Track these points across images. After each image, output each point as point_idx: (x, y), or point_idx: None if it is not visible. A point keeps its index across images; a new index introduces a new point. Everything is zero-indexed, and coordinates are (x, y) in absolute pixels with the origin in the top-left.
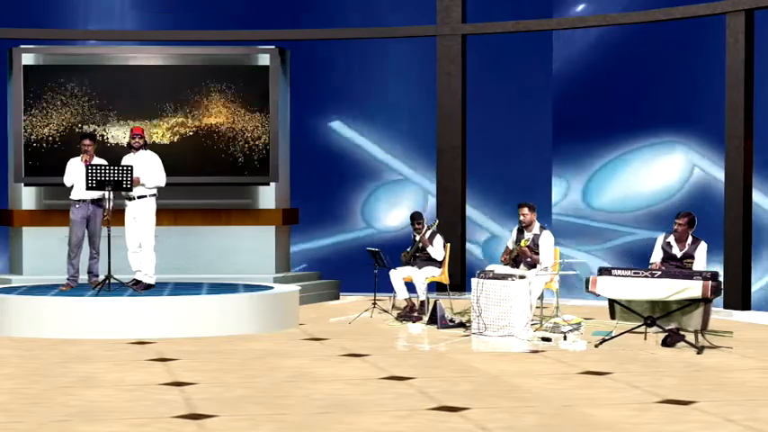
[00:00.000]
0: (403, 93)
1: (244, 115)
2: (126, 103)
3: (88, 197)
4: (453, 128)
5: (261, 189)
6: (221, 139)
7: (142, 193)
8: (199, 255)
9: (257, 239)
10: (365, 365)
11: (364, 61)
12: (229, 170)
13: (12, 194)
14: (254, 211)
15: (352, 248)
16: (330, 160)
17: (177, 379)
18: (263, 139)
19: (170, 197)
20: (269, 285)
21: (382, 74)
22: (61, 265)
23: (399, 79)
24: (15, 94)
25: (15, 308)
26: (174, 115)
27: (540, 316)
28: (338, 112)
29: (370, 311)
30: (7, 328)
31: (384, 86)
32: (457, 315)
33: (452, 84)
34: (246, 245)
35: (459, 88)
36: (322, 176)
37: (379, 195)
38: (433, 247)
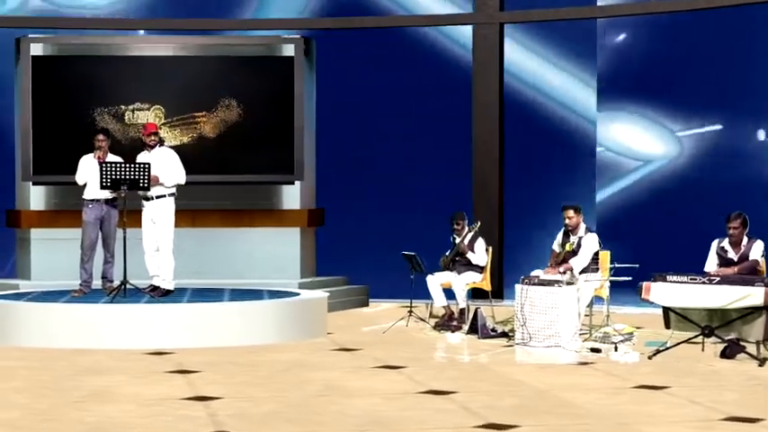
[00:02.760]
0: (437, 84)
1: (266, 109)
2: (141, 97)
3: (102, 197)
4: (490, 120)
5: (285, 188)
6: (242, 136)
7: (160, 193)
8: (219, 259)
9: (281, 242)
10: (401, 378)
11: (395, 51)
12: (251, 168)
13: (20, 194)
14: (277, 212)
15: (381, 251)
16: (358, 157)
17: (200, 393)
18: (286, 135)
19: (187, 197)
20: (295, 291)
21: (414, 65)
22: (73, 269)
23: (433, 70)
24: (24, 86)
25: (24, 316)
26: (192, 110)
27: (588, 325)
28: (366, 105)
29: (405, 320)
30: (15, 336)
31: (416, 78)
32: (499, 324)
33: (489, 74)
34: (269, 248)
35: (495, 79)
36: (349, 174)
37: None
38: (474, 252)
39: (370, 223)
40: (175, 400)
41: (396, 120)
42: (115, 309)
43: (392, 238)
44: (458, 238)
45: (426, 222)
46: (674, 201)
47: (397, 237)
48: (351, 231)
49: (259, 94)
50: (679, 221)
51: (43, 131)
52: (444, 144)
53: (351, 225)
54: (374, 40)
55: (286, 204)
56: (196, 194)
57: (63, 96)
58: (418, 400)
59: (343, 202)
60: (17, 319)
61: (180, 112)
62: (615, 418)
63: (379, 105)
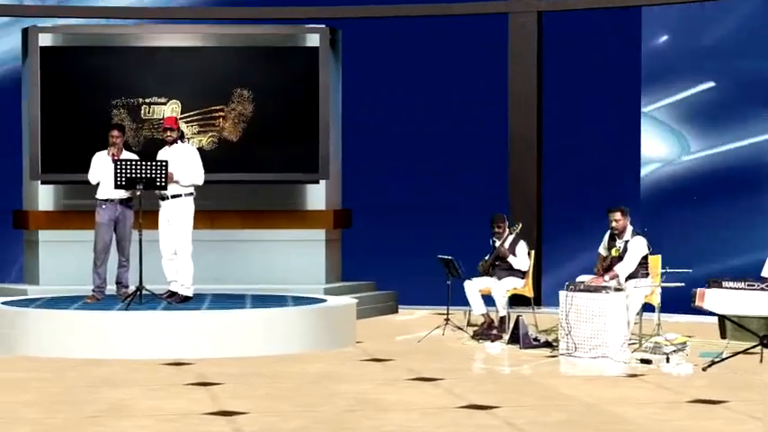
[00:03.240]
0: (471, 76)
1: (289, 104)
2: (156, 90)
3: (116, 196)
4: (527, 116)
5: (309, 188)
6: (263, 132)
7: (177, 192)
8: (239, 263)
9: (305, 245)
10: (438, 391)
11: (426, 42)
12: (273, 166)
13: (27, 193)
14: (300, 213)
15: (411, 255)
16: (386, 153)
17: (223, 407)
18: (311, 131)
19: (206, 197)
20: (321, 298)
21: (447, 56)
22: (84, 274)
23: (466, 63)
24: (32, 79)
25: (33, 323)
26: (210, 104)
27: (638, 334)
28: (395, 98)
29: (441, 328)
30: (24, 346)
31: (449, 70)
32: (542, 333)
33: (526, 67)
34: (293, 251)
35: (533, 72)
36: (377, 172)
37: None
38: (515, 256)
39: (399, 225)
40: (197, 415)
41: (427, 114)
42: (130, 316)
43: (423, 240)
44: (498, 241)
45: (460, 223)
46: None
47: (429, 239)
48: (379, 233)
49: (282, 87)
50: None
51: (52, 127)
52: (478, 139)
53: (379, 226)
54: (404, 29)
55: (310, 205)
56: (215, 194)
57: (74, 90)
58: (458, 415)
59: (371, 202)
60: (26, 327)
61: (197, 107)
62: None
63: (408, 99)
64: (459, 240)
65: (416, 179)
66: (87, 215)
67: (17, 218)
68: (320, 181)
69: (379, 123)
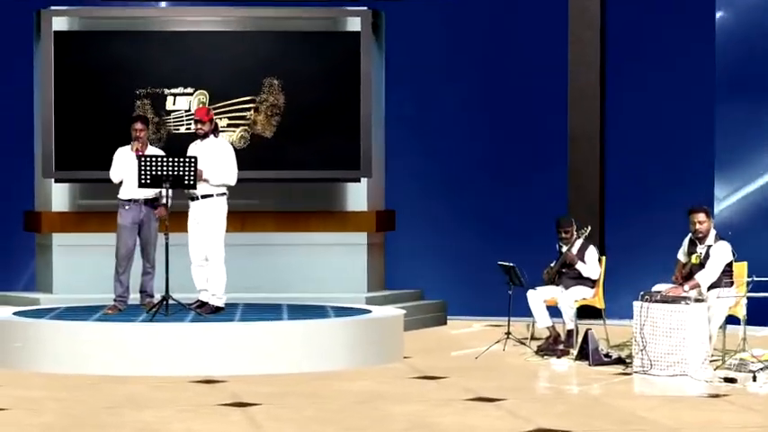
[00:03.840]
0: (526, 64)
1: (328, 94)
2: (182, 80)
3: (141, 196)
4: (589, 109)
5: (349, 186)
6: (299, 125)
7: (207, 192)
8: (272, 269)
9: (345, 250)
10: (501, 413)
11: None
12: (310, 163)
13: (39, 192)
14: (340, 214)
15: (461, 260)
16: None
17: (263, 431)
18: (351, 124)
19: (236, 197)
20: (364, 308)
21: (500, 42)
22: (104, 281)
23: (521, 48)
24: (44, 66)
25: (48, 337)
26: (241, 94)
27: (721, 350)
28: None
29: (502, 343)
30: (39, 361)
31: (500, 57)
32: (614, 348)
33: (588, 53)
34: (331, 256)
35: (596, 59)
36: (424, 170)
37: None
38: (584, 263)
39: (447, 227)
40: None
41: (478, 107)
42: (156, 329)
43: (474, 244)
44: (564, 246)
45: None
46: None
47: (480, 243)
48: (425, 236)
49: (319, 75)
50: None
51: (67, 120)
52: (535, 134)
53: (425, 229)
54: (453, 12)
55: (351, 205)
56: (246, 193)
57: (91, 79)
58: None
59: (417, 202)
60: (40, 340)
61: (227, 98)
62: None
63: (457, 89)
64: (514, 245)
65: (467, 177)
66: (107, 217)
67: (28, 220)
68: (361, 179)
69: (426, 116)
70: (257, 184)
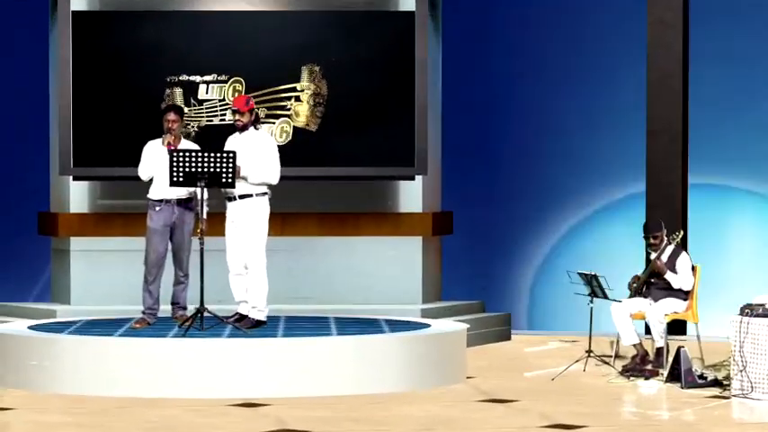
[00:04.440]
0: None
1: (378, 82)
2: (215, 66)
3: (173, 196)
4: (670, 102)
5: (402, 185)
6: (345, 116)
7: (246, 192)
8: (315, 277)
9: (397, 255)
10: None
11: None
12: (357, 159)
13: (56, 192)
14: (392, 216)
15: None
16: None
17: None
18: (404, 116)
19: (275, 197)
20: (421, 322)
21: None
22: (129, 292)
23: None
24: (62, 51)
25: (68, 354)
26: (280, 82)
27: None
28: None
29: (582, 362)
30: (58, 381)
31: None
32: (709, 369)
33: (669, 43)
34: (382, 263)
35: (678, 49)
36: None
37: None
38: (676, 272)
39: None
40: None
41: (545, 97)
42: (190, 345)
43: (541, 250)
44: (653, 254)
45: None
46: None
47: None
48: (486, 241)
49: (368, 61)
50: None
51: (87, 111)
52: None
53: (486, 232)
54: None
55: (404, 206)
56: (286, 193)
57: (114, 64)
58: None
59: (477, 203)
60: (59, 358)
61: (264, 86)
62: None
63: (524, 76)
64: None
65: (532, 175)
66: (133, 219)
67: (43, 222)
68: (416, 177)
69: (489, 106)
70: (299, 182)
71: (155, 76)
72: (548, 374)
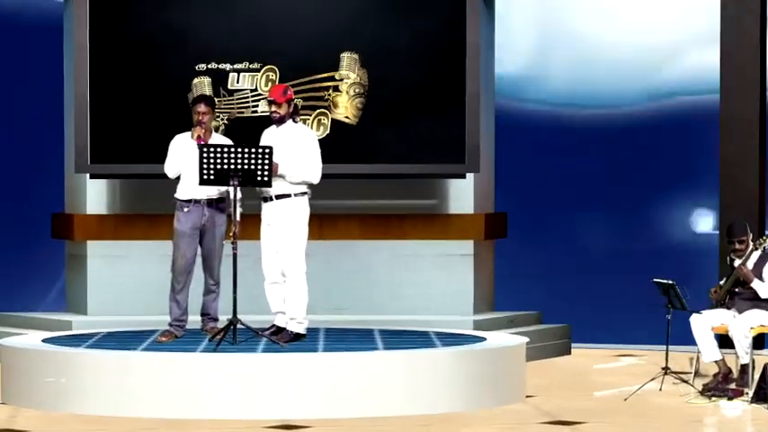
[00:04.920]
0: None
1: (424, 70)
2: (246, 53)
3: (203, 196)
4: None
5: (451, 184)
6: (388, 108)
7: (283, 191)
8: (357, 284)
9: (446, 261)
10: None
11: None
12: (402, 155)
13: (71, 191)
14: (440, 218)
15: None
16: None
17: None
18: (454, 108)
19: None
20: (476, 335)
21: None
22: (154, 301)
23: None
24: (78, 36)
25: (88, 371)
26: (317, 70)
27: None
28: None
29: (658, 380)
30: (76, 400)
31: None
32: None
33: (745, 23)
34: (430, 269)
35: (755, 34)
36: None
37: None
38: (763, 280)
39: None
40: None
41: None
42: (221, 360)
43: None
44: (737, 260)
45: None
46: None
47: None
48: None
49: (413, 46)
50: None
51: (106, 102)
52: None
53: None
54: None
55: (453, 207)
56: (325, 192)
57: (136, 51)
58: None
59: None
60: (77, 375)
61: (300, 75)
62: None
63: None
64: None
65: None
66: (157, 221)
67: (57, 224)
68: (467, 175)
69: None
70: (338, 180)
71: (181, 63)
72: (619, 394)
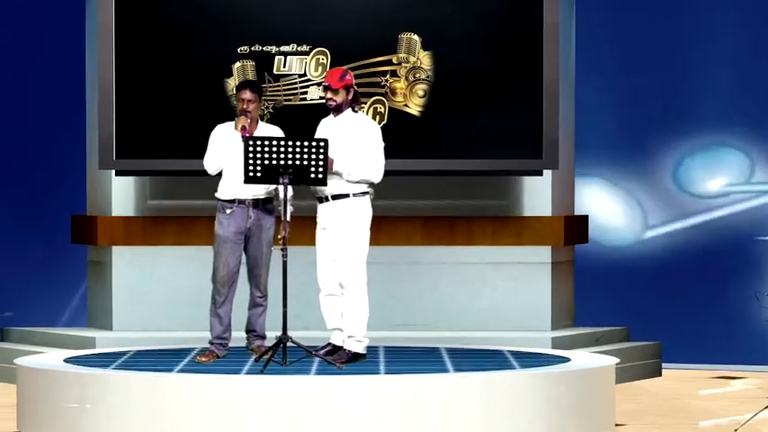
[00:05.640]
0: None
1: (494, 54)
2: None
3: (248, 196)
4: None
5: (526, 183)
6: (454, 97)
7: (341, 191)
8: (420, 296)
9: (521, 270)
10: None
11: None
12: (470, 149)
13: (94, 190)
14: (513, 221)
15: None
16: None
17: None
18: (529, 97)
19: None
20: (558, 355)
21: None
22: (190, 315)
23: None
24: (102, 16)
25: (116, 393)
26: (373, 54)
27: None
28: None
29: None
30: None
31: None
32: None
33: None
34: (502, 280)
35: None
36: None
37: None
38: None
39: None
40: None
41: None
42: (269, 384)
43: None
44: None
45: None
46: None
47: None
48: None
49: (483, 26)
50: None
51: (134, 90)
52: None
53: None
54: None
55: (528, 208)
56: (382, 192)
57: (168, 32)
58: None
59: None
60: (104, 399)
61: (353, 58)
62: None
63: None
64: None
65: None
66: (194, 224)
67: (78, 228)
68: (544, 172)
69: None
70: (397, 177)
71: (221, 45)
72: (728, 424)
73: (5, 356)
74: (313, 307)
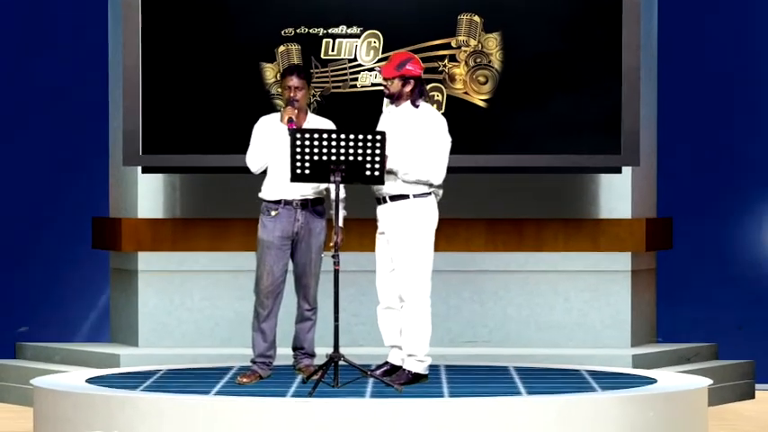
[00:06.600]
0: None
1: (567, 36)
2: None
3: (296, 196)
4: None
5: (603, 181)
6: (521, 86)
7: (400, 191)
8: (484, 308)
9: (596, 279)
10: None
11: None
12: (539, 145)
13: (118, 190)
14: (588, 224)
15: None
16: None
17: None
18: (606, 87)
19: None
20: (642, 375)
21: None
22: (228, 330)
23: None
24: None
25: (146, 418)
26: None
27: None
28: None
29: None
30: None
31: None
32: None
33: None
34: (576, 290)
35: None
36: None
37: None
38: None
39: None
40: None
41: None
42: (319, 407)
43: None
44: None
45: None
46: None
47: None
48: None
49: (552, 8)
50: None
51: (162, 78)
52: None
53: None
54: None
55: (605, 210)
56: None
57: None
58: None
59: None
60: (133, 424)
61: (408, 41)
62: None
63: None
64: None
65: None
66: (231, 227)
67: (99, 231)
68: (623, 169)
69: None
70: (458, 176)
71: (263, 27)
72: None
73: (20, 376)
74: (370, 321)
